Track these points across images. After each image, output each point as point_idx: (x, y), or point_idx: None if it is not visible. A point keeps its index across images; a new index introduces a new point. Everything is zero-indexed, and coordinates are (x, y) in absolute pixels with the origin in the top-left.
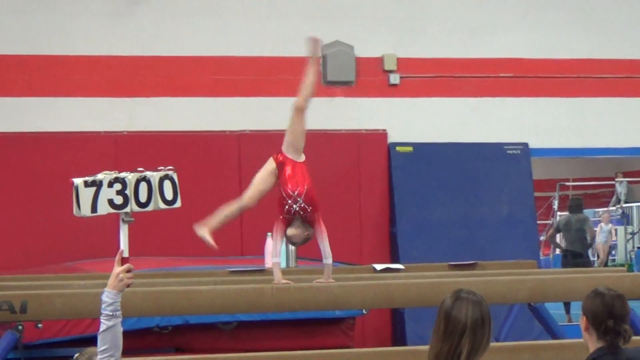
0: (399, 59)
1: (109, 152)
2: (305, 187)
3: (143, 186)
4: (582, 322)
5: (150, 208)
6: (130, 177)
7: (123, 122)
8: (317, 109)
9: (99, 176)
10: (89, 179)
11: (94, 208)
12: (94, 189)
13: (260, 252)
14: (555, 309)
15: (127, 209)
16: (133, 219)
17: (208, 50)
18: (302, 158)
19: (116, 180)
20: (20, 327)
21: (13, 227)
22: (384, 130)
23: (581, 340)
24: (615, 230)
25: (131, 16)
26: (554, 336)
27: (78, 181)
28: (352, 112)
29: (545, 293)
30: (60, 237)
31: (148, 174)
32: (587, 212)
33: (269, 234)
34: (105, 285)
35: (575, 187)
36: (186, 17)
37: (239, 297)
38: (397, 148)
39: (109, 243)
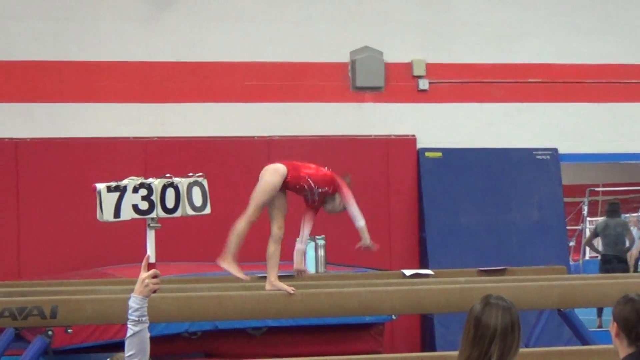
0: (428, 65)
1: (139, 157)
2: (309, 179)
3: (170, 192)
4: (612, 328)
5: (177, 214)
6: (156, 183)
7: (153, 128)
8: (347, 115)
9: (124, 182)
10: (112, 184)
11: (117, 213)
12: (117, 194)
13: (289, 257)
14: (585, 315)
15: (153, 215)
16: (159, 224)
17: (238, 55)
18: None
19: (142, 185)
20: (50, 333)
21: (43, 233)
22: (413, 135)
23: (611, 346)
24: None
25: (161, 22)
26: (584, 342)
27: (101, 186)
28: (381, 118)
29: (575, 299)
30: (90, 242)
31: (176, 180)
32: None
33: (298, 239)
34: (133, 291)
35: (605, 193)
36: (216, 22)
37: (268, 302)
38: (426, 153)
39: (139, 248)
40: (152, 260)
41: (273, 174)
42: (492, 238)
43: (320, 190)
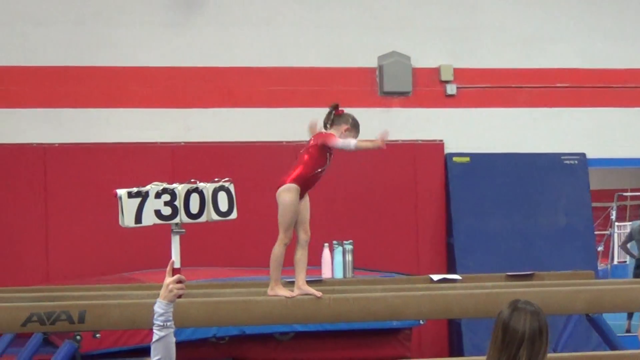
0: (455, 70)
1: (166, 162)
2: (311, 166)
3: (194, 197)
4: None
5: (202, 220)
6: (179, 188)
7: (180, 133)
8: (374, 120)
9: (146, 187)
10: (134, 190)
11: (138, 219)
12: (138, 200)
13: (317, 262)
14: (614, 320)
15: (176, 220)
16: (184, 230)
17: (264, 60)
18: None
19: (164, 191)
20: (78, 337)
21: (71, 238)
22: (441, 140)
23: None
24: None
25: (187, 27)
26: (612, 347)
27: (122, 192)
28: (409, 123)
29: (603, 304)
30: (118, 247)
31: (201, 185)
32: None
33: (326, 244)
34: None
35: (633, 197)
36: (241, 27)
37: (296, 307)
38: (454, 158)
39: (166, 253)
40: (177, 265)
41: (289, 192)
42: (520, 243)
43: (326, 165)
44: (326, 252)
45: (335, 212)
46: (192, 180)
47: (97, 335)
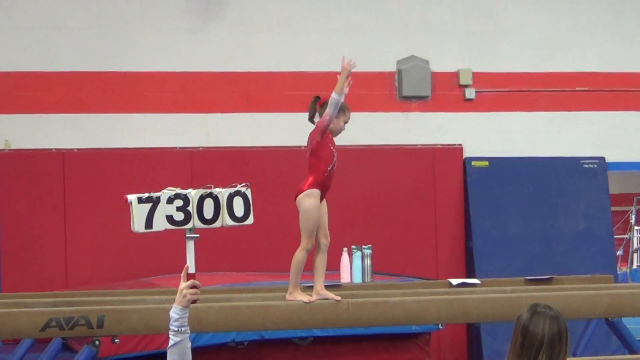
0: (474, 74)
1: (184, 167)
2: (322, 168)
3: (209, 203)
4: None
5: (216, 225)
6: (193, 193)
7: (199, 138)
8: (393, 124)
9: (157, 193)
10: (144, 195)
11: (148, 224)
12: (149, 205)
13: (336, 267)
14: (634, 324)
15: (189, 225)
16: (197, 235)
17: (283, 65)
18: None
19: (177, 196)
20: (97, 343)
21: (90, 243)
22: (460, 144)
23: None
24: None
25: (206, 32)
26: (632, 351)
27: (132, 197)
28: (428, 127)
29: (622, 308)
30: (137, 252)
31: (215, 190)
32: None
33: (345, 249)
34: None
35: None
36: (260, 32)
37: (314, 312)
38: (473, 163)
39: (184, 259)
40: (192, 270)
41: (310, 197)
42: (539, 247)
43: (334, 156)
44: (345, 256)
45: (354, 216)
46: (208, 185)
47: (116, 340)
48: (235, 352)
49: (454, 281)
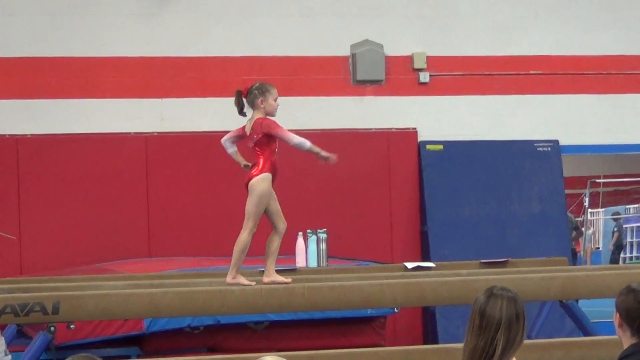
0: (428, 57)
1: (140, 153)
2: (269, 152)
3: None
4: (615, 318)
5: None
6: None
7: (154, 123)
8: (348, 108)
9: None
10: None
11: None
12: None
13: (291, 251)
14: (588, 306)
15: None
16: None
17: (238, 50)
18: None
19: None
20: (52, 329)
21: (45, 229)
22: (414, 128)
23: (614, 336)
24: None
25: (161, 17)
26: (586, 333)
27: None
28: (382, 111)
29: (576, 290)
30: (92, 238)
31: None
32: (619, 208)
33: (300, 233)
34: (135, 286)
35: (606, 184)
36: (216, 17)
37: (270, 296)
38: (428, 146)
39: (140, 243)
40: None
41: (265, 181)
42: (494, 230)
43: (277, 140)
44: (300, 241)
45: (309, 200)
46: None
47: (72, 326)
48: (191, 337)
49: (409, 265)
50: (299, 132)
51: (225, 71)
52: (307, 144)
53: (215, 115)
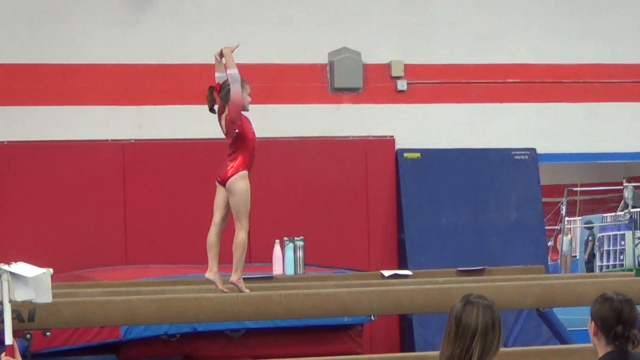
0: (406, 65)
1: (117, 160)
2: (250, 148)
3: None
4: (590, 327)
5: None
6: None
7: (131, 130)
8: (325, 116)
9: None
10: None
11: None
12: None
13: (268, 258)
14: (565, 314)
15: None
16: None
17: None
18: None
19: None
20: (28, 336)
21: (21, 236)
22: (392, 136)
23: (589, 345)
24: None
25: (139, 24)
26: (563, 341)
27: None
28: (360, 119)
29: (553, 298)
30: (69, 245)
31: None
32: (595, 217)
33: (277, 240)
34: (112, 293)
35: (583, 193)
36: (194, 24)
37: (247, 304)
38: (405, 154)
39: (117, 252)
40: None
41: (243, 179)
42: (471, 238)
43: (255, 134)
44: (277, 248)
45: (286, 208)
46: None
47: (48, 333)
48: (168, 344)
49: (386, 272)
50: (276, 140)
51: (202, 78)
52: (233, 73)
53: (193, 122)
